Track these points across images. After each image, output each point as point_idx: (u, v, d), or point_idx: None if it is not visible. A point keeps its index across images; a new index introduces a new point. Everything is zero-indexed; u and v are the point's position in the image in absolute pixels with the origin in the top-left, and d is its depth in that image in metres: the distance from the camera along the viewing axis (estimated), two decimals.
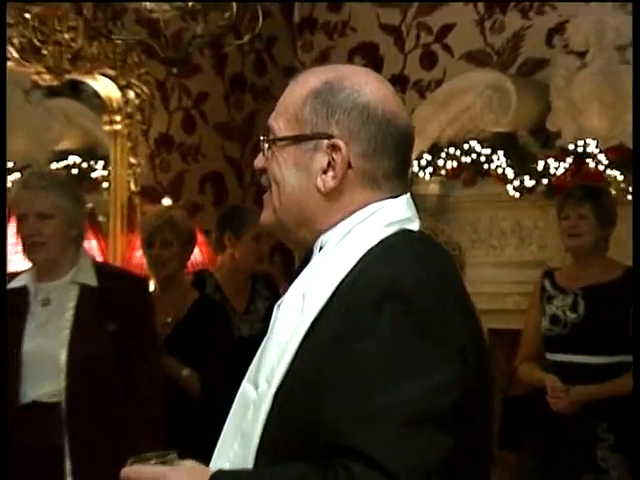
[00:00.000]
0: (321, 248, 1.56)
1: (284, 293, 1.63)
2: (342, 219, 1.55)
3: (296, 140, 1.56)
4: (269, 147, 1.58)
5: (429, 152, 4.93)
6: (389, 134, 1.56)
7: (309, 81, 1.57)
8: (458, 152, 4.89)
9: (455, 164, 4.91)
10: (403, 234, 1.55)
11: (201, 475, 1.46)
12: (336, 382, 1.41)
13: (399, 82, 5.25)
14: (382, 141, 1.55)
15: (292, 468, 1.42)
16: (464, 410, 1.42)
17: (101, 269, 3.33)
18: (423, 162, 4.92)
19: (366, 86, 1.56)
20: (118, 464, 2.94)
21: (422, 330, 1.42)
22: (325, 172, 1.55)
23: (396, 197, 1.57)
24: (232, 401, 1.61)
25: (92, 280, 3.23)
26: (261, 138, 1.60)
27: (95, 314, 3.20)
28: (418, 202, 1.66)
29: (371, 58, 5.36)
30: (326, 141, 1.54)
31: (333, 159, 1.54)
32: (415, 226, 1.58)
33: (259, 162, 1.61)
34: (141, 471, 1.48)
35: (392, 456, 1.36)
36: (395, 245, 1.52)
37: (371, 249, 1.51)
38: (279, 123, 1.58)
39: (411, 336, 1.41)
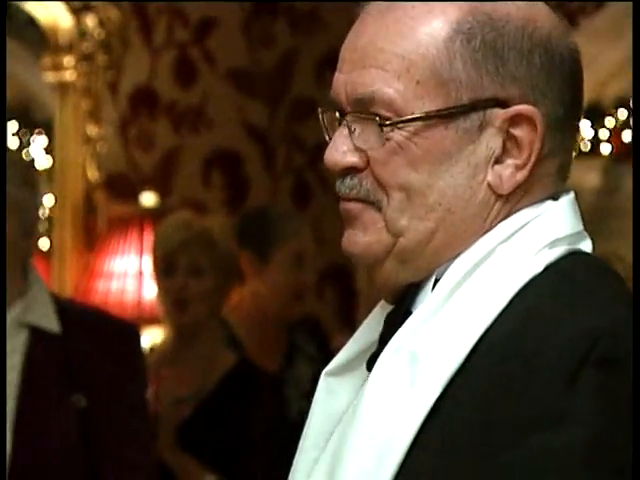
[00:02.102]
0: (437, 280, 1.46)
1: (338, 350, 1.57)
2: (484, 234, 1.47)
3: (448, 116, 1.43)
4: (384, 132, 1.45)
5: (585, 117, 4.63)
6: (579, 85, 1.47)
7: (441, 13, 1.46)
8: (633, 117, 4.89)
9: (628, 136, 4.92)
10: (579, 259, 1.43)
11: None
12: None
13: None
14: (574, 98, 1.46)
15: None
16: None
17: (64, 306, 3.17)
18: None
19: (533, 10, 1.48)
20: None
21: None
22: (498, 161, 1.43)
23: (555, 198, 1.46)
24: None
25: (51, 323, 3.07)
26: (375, 113, 1.45)
27: (56, 378, 3.08)
28: None
29: None
30: (500, 111, 1.42)
31: (514, 138, 1.42)
32: (588, 246, 1.46)
33: (344, 155, 1.46)
34: None
35: None
36: (575, 278, 1.39)
37: (532, 281, 1.38)
38: (398, 88, 1.43)
39: (626, 422, 1.28)
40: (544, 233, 1.44)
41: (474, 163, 1.44)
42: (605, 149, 4.96)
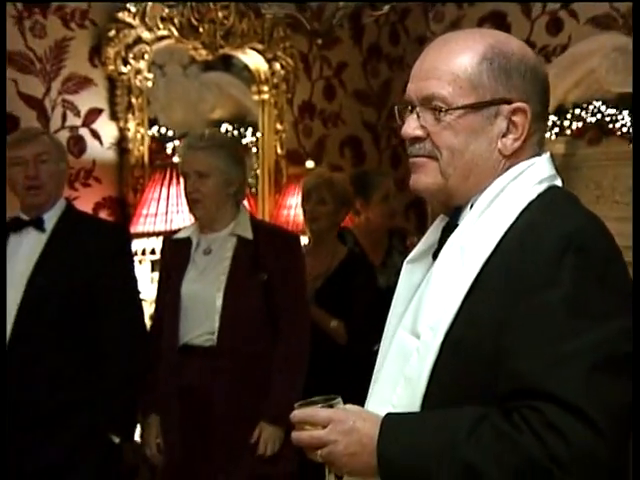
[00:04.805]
0: (472, 205, 1.50)
1: (412, 248, 1.62)
2: (495, 178, 1.49)
3: (478, 107, 1.47)
4: (438, 116, 1.48)
5: (555, 114, 4.87)
6: (548, 94, 1.53)
7: (472, 47, 1.48)
8: (583, 113, 4.83)
9: (580, 124, 4.86)
10: (557, 190, 1.49)
11: (372, 418, 1.43)
12: (522, 332, 1.34)
13: None
14: (546, 100, 1.52)
15: (472, 409, 1.36)
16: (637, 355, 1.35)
17: (256, 224, 3.32)
18: (549, 123, 4.88)
19: (525, 49, 1.52)
20: (258, 404, 3.13)
21: (601, 280, 1.34)
22: (504, 136, 1.48)
23: (540, 155, 1.52)
24: (375, 349, 1.60)
25: (248, 233, 3.23)
26: (434, 105, 1.48)
27: (249, 264, 3.19)
28: None
29: (499, 26, 5.15)
30: (506, 106, 1.47)
31: (513, 122, 1.48)
32: (559, 183, 1.52)
33: (415, 130, 1.51)
34: (316, 414, 1.45)
35: (584, 398, 1.28)
36: (557, 201, 1.46)
37: (529, 205, 1.44)
38: (449, 90, 1.47)
39: (592, 286, 1.34)
40: (535, 175, 1.48)
41: (490, 136, 1.47)
42: (568, 131, 4.88)
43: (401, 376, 1.45)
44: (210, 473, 3.15)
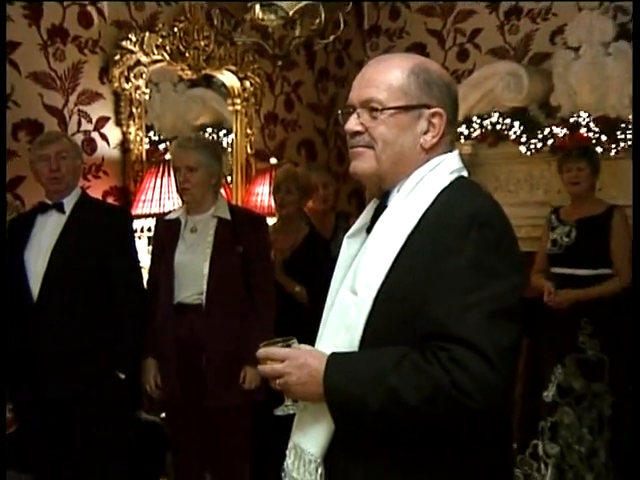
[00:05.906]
0: (398, 190, 1.48)
1: (352, 225, 1.60)
2: (417, 168, 1.47)
3: (406, 109, 1.45)
4: (375, 115, 1.45)
5: (463, 122, 4.81)
6: (457, 105, 1.52)
7: (402, 64, 1.47)
8: (484, 122, 4.75)
9: (482, 131, 4.78)
10: (464, 179, 1.48)
11: (320, 356, 1.42)
12: (436, 288, 1.33)
13: None
14: (456, 110, 1.51)
15: (396, 349, 1.36)
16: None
17: (233, 208, 3.30)
18: (459, 130, 4.78)
19: (443, 70, 1.52)
20: (241, 351, 3.11)
21: (498, 248, 1.35)
22: (425, 133, 1.46)
23: (451, 151, 1.51)
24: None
25: (226, 215, 3.19)
26: (372, 106, 1.45)
27: (228, 239, 3.14)
28: None
29: (420, 54, 4.72)
30: (428, 110, 1.45)
31: (432, 123, 1.46)
32: (466, 174, 1.51)
33: (355, 126, 1.48)
34: (276, 352, 1.45)
35: (481, 339, 1.29)
36: (464, 187, 1.45)
37: (443, 190, 1.44)
38: (384, 95, 1.45)
39: (490, 252, 1.34)
40: (447, 167, 1.46)
41: (415, 133, 1.46)
42: (473, 136, 4.67)
43: (342, 325, 1.45)
44: (202, 404, 3.12)
